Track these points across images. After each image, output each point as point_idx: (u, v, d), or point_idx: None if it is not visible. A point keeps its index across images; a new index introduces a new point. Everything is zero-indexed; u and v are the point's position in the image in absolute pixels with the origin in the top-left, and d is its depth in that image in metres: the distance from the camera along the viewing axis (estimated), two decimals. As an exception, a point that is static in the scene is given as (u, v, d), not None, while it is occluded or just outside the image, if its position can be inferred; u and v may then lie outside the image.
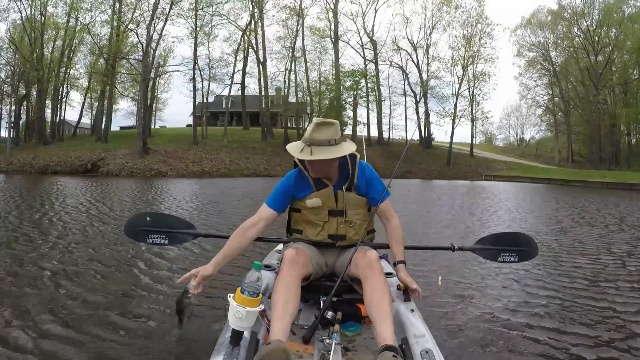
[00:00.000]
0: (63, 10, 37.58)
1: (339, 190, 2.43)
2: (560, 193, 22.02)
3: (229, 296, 1.82)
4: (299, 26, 44.07)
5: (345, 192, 2.43)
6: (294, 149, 2.35)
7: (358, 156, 2.49)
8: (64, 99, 44.26)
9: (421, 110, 47.49)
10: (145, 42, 36.53)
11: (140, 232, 2.77)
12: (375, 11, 47.48)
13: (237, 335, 1.80)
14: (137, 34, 37.59)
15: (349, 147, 2.35)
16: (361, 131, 45.95)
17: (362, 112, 45.94)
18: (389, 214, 2.52)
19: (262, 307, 1.83)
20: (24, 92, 41.31)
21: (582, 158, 51.49)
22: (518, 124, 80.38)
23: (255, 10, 42.40)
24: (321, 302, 2.31)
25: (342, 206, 2.44)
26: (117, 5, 37.46)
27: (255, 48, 43.79)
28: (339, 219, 2.45)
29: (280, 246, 3.26)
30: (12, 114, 40.89)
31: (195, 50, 40.48)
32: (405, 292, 2.35)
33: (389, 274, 2.61)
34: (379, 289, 2.09)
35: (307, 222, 2.50)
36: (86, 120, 51.17)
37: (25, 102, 42.73)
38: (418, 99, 47.52)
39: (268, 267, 2.78)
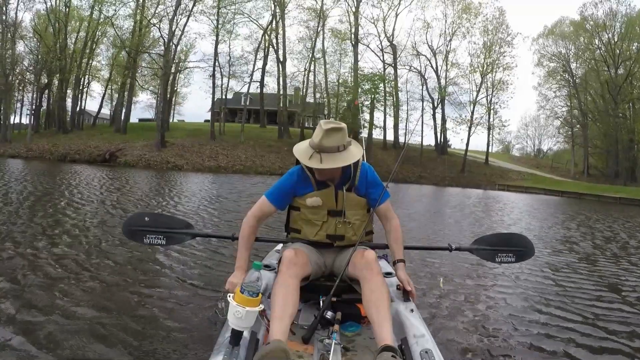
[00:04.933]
0: (87, 2, 38.31)
1: (340, 190, 2.43)
2: (574, 207, 21.68)
3: (229, 296, 1.80)
4: (320, 28, 44.05)
5: (346, 193, 2.43)
6: (303, 154, 2.35)
7: (361, 159, 2.48)
8: (84, 89, 45.07)
9: (438, 116, 47.32)
10: (167, 37, 36.94)
11: (137, 232, 2.74)
12: (396, 15, 46.86)
13: (236, 335, 1.79)
14: (159, 28, 38.13)
15: (357, 153, 2.37)
16: (378, 134, 45.91)
17: (378, 115, 45.77)
18: (389, 214, 2.51)
19: (261, 307, 1.81)
20: (46, 81, 42.02)
21: (598, 172, 50.65)
22: (536, 135, 79.42)
23: (277, 10, 42.48)
24: (321, 302, 2.30)
25: (341, 206, 2.44)
26: (141, -1, 38.00)
27: (275, 47, 43.78)
28: (338, 219, 2.45)
29: (279, 246, 3.26)
30: (34, 101, 41.69)
31: (216, 47, 40.60)
32: (405, 292, 2.34)
33: (388, 274, 2.62)
34: (377, 290, 2.09)
35: (306, 221, 2.50)
36: (105, 111, 52.14)
37: (46, 91, 43.48)
38: (435, 105, 47.31)
39: (268, 267, 2.75)
